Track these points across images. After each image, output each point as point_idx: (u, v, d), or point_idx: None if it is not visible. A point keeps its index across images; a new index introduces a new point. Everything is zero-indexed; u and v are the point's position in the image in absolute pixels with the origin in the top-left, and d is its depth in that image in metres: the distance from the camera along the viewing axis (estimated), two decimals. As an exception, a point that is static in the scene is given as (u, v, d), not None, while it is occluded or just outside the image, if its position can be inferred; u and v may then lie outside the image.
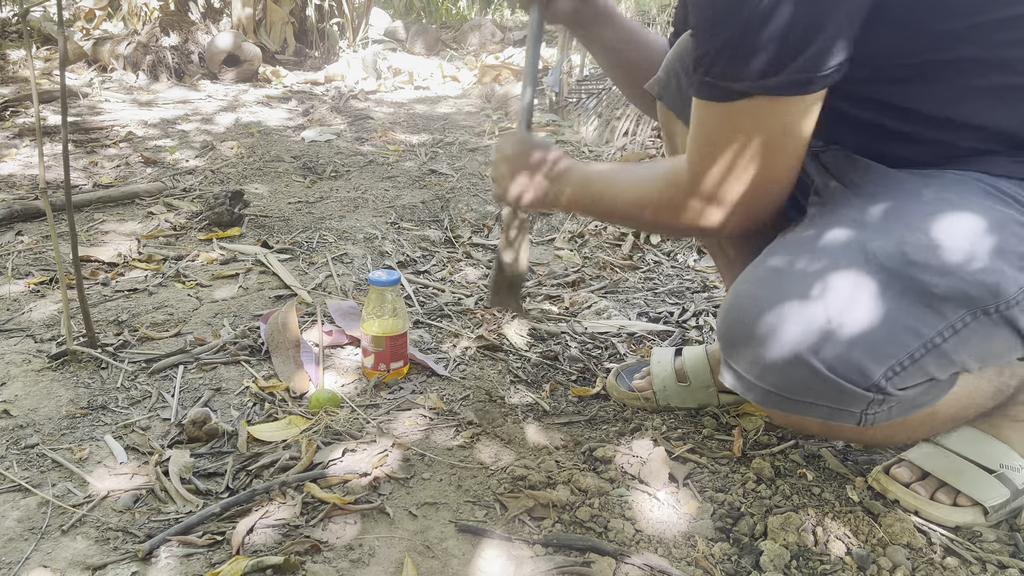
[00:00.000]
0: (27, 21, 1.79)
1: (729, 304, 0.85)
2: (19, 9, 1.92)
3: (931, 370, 0.79)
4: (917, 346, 0.77)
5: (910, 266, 0.75)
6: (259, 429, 1.16)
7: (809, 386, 0.79)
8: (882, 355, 0.76)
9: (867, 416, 0.82)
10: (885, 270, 0.75)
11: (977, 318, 0.76)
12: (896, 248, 0.76)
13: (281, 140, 3.28)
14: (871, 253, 0.76)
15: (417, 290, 1.78)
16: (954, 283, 0.74)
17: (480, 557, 0.91)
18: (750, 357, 0.82)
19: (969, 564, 0.93)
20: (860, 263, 0.77)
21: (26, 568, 0.88)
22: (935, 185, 0.82)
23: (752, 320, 0.80)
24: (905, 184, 0.83)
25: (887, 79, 0.83)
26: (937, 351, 0.77)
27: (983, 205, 0.78)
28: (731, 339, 0.84)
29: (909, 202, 0.80)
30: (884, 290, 0.75)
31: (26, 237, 2.04)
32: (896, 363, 0.77)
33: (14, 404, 1.23)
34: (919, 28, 0.79)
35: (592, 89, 3.69)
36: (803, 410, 0.82)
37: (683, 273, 1.97)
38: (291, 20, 5.50)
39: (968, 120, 0.83)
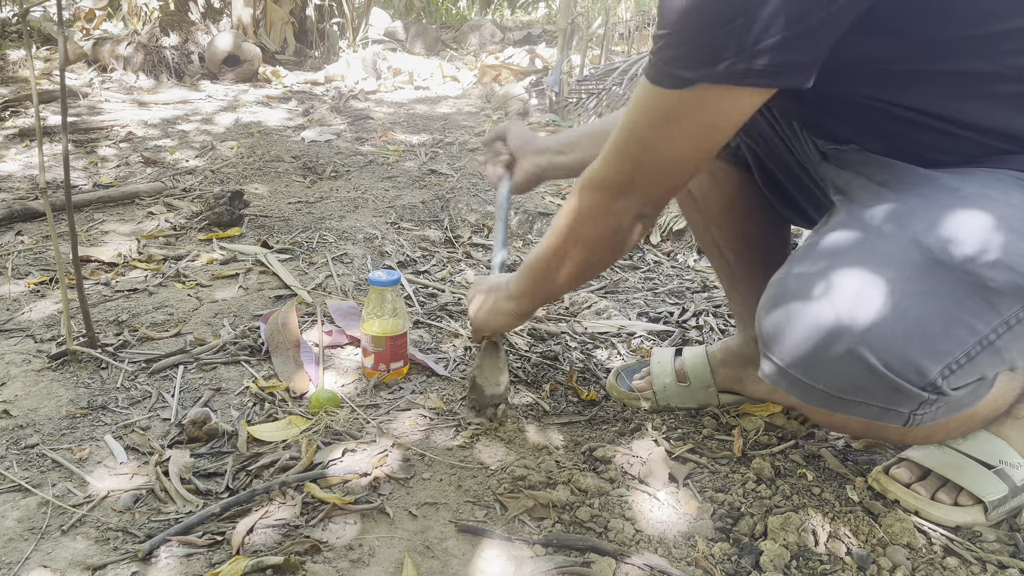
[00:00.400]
0: (27, 21, 1.80)
1: (776, 295, 0.81)
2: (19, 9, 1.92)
3: (984, 368, 0.77)
4: (973, 343, 0.74)
5: (965, 260, 0.72)
6: (259, 429, 1.16)
7: (861, 384, 0.76)
8: (939, 352, 0.74)
9: (915, 416, 0.79)
10: (940, 264, 0.73)
11: None
12: (950, 242, 0.73)
13: (281, 140, 3.28)
14: (925, 247, 0.74)
15: (417, 290, 1.78)
16: (1010, 277, 0.72)
17: (480, 557, 0.91)
18: (797, 351, 0.78)
19: (969, 564, 0.93)
20: (915, 256, 0.74)
21: (26, 568, 0.88)
22: (973, 181, 0.80)
23: (801, 312, 0.77)
24: (941, 180, 0.81)
25: (888, 80, 0.83)
26: (992, 348, 0.75)
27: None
28: (775, 332, 0.80)
29: (951, 197, 0.78)
30: (939, 285, 0.73)
31: (26, 237, 2.04)
32: (953, 361, 0.74)
33: (14, 404, 1.23)
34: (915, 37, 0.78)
35: (592, 89, 3.69)
36: (851, 409, 0.79)
37: (683, 273, 1.97)
38: (291, 20, 5.50)
39: (980, 124, 0.82)
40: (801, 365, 0.78)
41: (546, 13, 8.64)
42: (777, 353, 0.80)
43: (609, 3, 4.95)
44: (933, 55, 0.79)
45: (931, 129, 0.83)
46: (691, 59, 0.76)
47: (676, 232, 2.21)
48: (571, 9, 4.15)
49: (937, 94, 0.82)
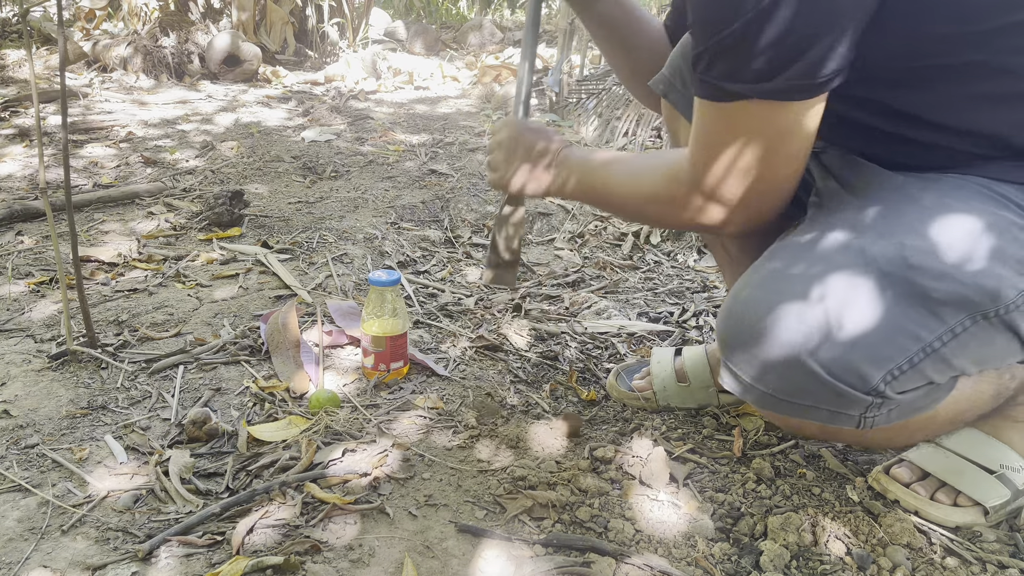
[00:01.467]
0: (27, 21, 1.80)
1: (729, 306, 0.84)
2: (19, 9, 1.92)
3: (930, 374, 0.79)
4: (916, 350, 0.76)
5: (910, 270, 0.75)
6: (259, 429, 1.16)
7: (808, 389, 0.79)
8: (881, 359, 0.76)
9: (866, 419, 0.82)
10: (885, 274, 0.75)
11: (976, 322, 0.76)
12: (896, 252, 0.76)
13: (281, 140, 3.28)
14: (871, 257, 0.76)
15: (417, 290, 1.78)
16: (954, 287, 0.74)
17: (480, 557, 0.91)
18: (749, 360, 0.81)
19: (969, 564, 0.93)
20: (860, 267, 0.76)
21: (26, 568, 0.88)
22: (935, 189, 0.81)
23: (751, 323, 0.80)
24: (905, 188, 0.83)
25: (887, 83, 0.83)
26: (936, 355, 0.77)
27: (983, 209, 0.78)
28: (730, 341, 0.83)
29: (909, 206, 0.80)
30: (883, 294, 0.75)
31: (26, 237, 2.04)
32: (895, 367, 0.77)
33: (14, 404, 1.23)
34: (920, 33, 0.78)
35: (592, 89, 3.69)
36: (801, 413, 0.82)
37: (683, 273, 1.97)
38: (291, 20, 5.49)
39: (968, 126, 0.83)
40: (752, 372, 0.82)
41: (546, 13, 8.64)
42: (732, 361, 0.84)
43: (609, 3, 4.95)
44: (931, 51, 0.79)
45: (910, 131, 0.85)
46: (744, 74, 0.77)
47: (676, 232, 2.21)
48: (571, 9, 4.15)
49: (928, 94, 0.82)
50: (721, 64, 0.78)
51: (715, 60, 0.78)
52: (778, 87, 0.76)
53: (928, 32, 0.78)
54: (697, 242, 2.16)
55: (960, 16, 0.77)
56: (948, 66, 0.80)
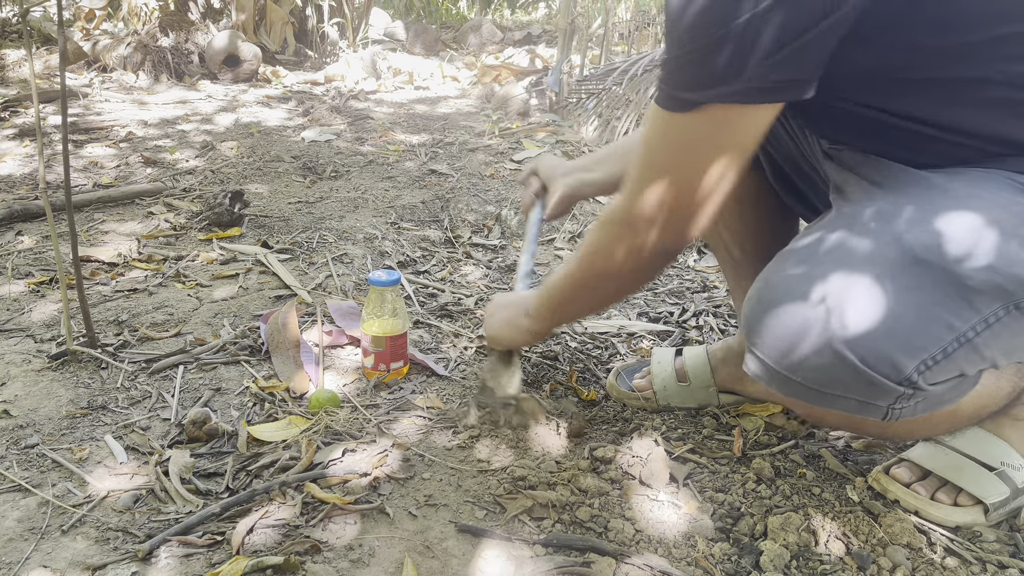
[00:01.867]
0: (27, 21, 1.79)
1: (758, 291, 0.83)
2: (19, 9, 1.92)
3: (962, 365, 0.78)
4: (950, 340, 0.75)
5: (945, 259, 0.73)
6: (259, 429, 1.16)
7: (838, 378, 0.77)
8: (915, 348, 0.75)
9: (894, 411, 0.80)
10: (921, 262, 0.74)
11: (1010, 312, 0.75)
12: (932, 240, 0.74)
13: (281, 140, 3.28)
14: (907, 245, 0.75)
15: (417, 290, 1.78)
16: (989, 276, 0.73)
17: (480, 557, 0.91)
18: (779, 346, 0.79)
19: (969, 564, 0.93)
20: (895, 255, 0.75)
21: (26, 568, 0.88)
22: (963, 181, 0.80)
23: (782, 307, 0.79)
24: (932, 180, 0.82)
25: (891, 91, 0.83)
26: (970, 345, 0.76)
27: (1013, 199, 0.77)
28: (758, 326, 0.81)
29: (940, 196, 0.79)
30: (919, 282, 0.74)
31: (26, 237, 2.04)
32: (929, 357, 0.76)
33: (14, 404, 1.23)
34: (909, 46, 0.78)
35: (592, 89, 3.69)
36: (830, 402, 0.81)
37: (683, 273, 1.97)
38: (291, 20, 5.50)
39: (973, 130, 0.82)
40: (781, 359, 0.80)
41: (546, 13, 8.64)
42: (759, 347, 0.82)
43: (609, 3, 4.95)
44: (923, 63, 0.79)
45: (923, 135, 0.84)
46: (696, 80, 0.77)
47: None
48: (571, 9, 4.15)
49: (928, 100, 0.82)
50: (681, 72, 0.78)
51: (676, 68, 0.78)
52: (734, 91, 0.76)
53: (915, 45, 0.78)
54: (697, 242, 2.16)
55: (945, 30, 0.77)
56: (936, 79, 0.80)
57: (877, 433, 1.11)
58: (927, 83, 0.81)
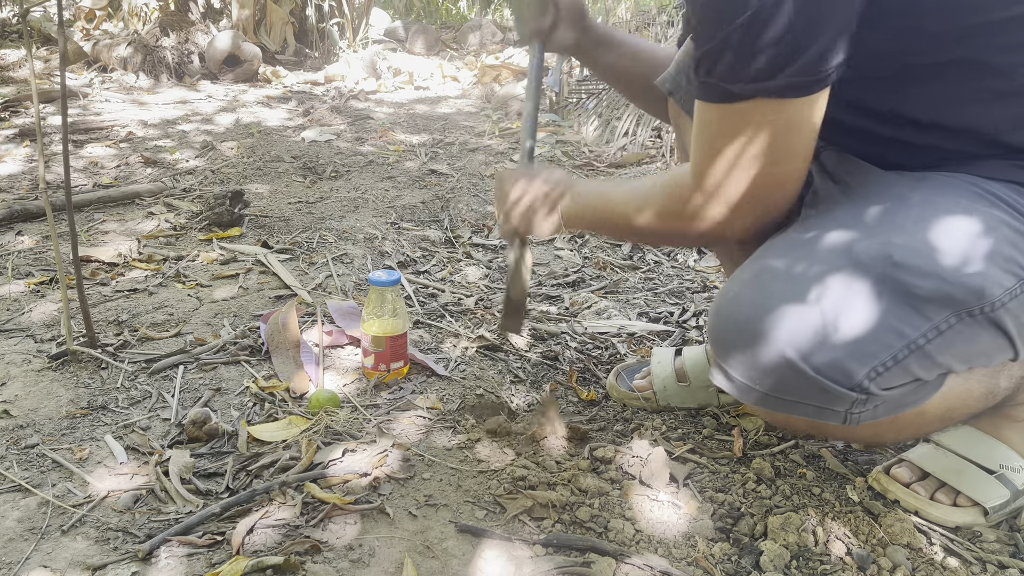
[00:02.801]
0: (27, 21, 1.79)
1: (718, 304, 0.86)
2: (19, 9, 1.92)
3: (915, 371, 0.80)
4: (900, 347, 0.77)
5: (895, 268, 0.75)
6: (259, 429, 1.16)
7: (793, 386, 0.80)
8: (865, 355, 0.77)
9: (851, 415, 0.82)
10: (870, 272, 0.76)
11: (962, 320, 0.76)
12: (881, 250, 0.76)
13: (281, 140, 3.28)
14: (856, 255, 0.77)
15: (417, 290, 1.78)
16: (938, 285, 0.75)
17: (480, 557, 0.91)
18: (738, 357, 0.82)
19: (969, 564, 0.93)
20: (846, 265, 0.77)
21: (26, 568, 0.88)
22: (925, 187, 0.82)
23: (740, 320, 0.81)
24: (895, 186, 0.84)
25: (878, 83, 0.83)
26: (921, 352, 0.78)
27: (972, 207, 0.78)
28: (720, 339, 0.84)
29: (898, 204, 0.81)
30: (868, 292, 0.76)
31: (26, 237, 2.04)
32: (879, 364, 0.77)
33: (14, 404, 1.23)
34: (911, 30, 0.79)
35: (592, 89, 3.69)
36: (789, 408, 0.83)
37: (683, 273, 1.97)
38: (291, 20, 5.50)
39: (958, 124, 0.83)
40: (740, 369, 0.83)
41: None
42: (720, 358, 0.85)
43: (609, 3, 4.96)
44: (918, 49, 0.80)
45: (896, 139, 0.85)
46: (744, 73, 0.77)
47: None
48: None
49: (916, 93, 0.83)
50: (723, 65, 0.78)
51: (717, 62, 0.79)
52: (780, 84, 0.77)
53: (919, 29, 0.79)
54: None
55: (950, 12, 0.78)
56: (938, 64, 0.80)
57: (843, 437, 1.13)
58: (921, 72, 0.81)
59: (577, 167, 2.96)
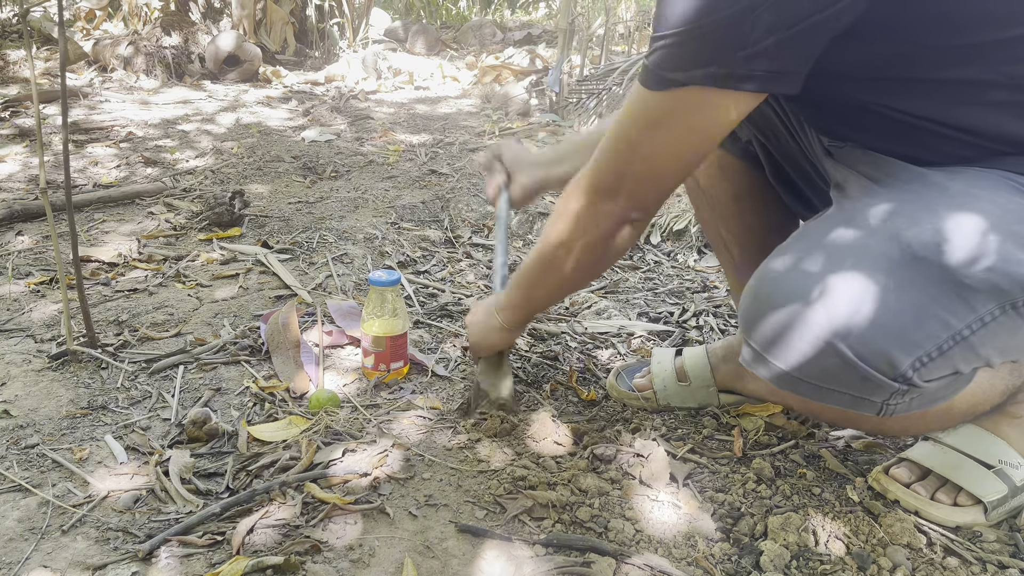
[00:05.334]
0: (27, 21, 1.80)
1: (756, 285, 0.83)
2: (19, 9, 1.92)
3: (957, 363, 0.78)
4: (946, 337, 0.75)
5: (943, 257, 0.73)
6: (259, 429, 1.16)
7: (834, 373, 0.78)
8: (911, 345, 0.75)
9: (888, 406, 0.81)
10: (919, 259, 0.74)
11: (1006, 312, 0.75)
12: (931, 238, 0.74)
13: (281, 140, 3.28)
14: (904, 242, 0.75)
15: (417, 290, 1.78)
16: (986, 275, 0.73)
17: (480, 557, 0.91)
18: (775, 339, 0.80)
19: (969, 564, 0.93)
20: (893, 251, 0.75)
21: (26, 568, 0.88)
22: (962, 179, 0.81)
23: (779, 301, 0.79)
24: (931, 178, 0.82)
25: (893, 91, 0.83)
26: (965, 343, 0.76)
27: (1011, 199, 0.77)
28: (755, 319, 0.82)
29: (938, 194, 0.79)
30: (916, 279, 0.74)
31: (26, 237, 2.04)
32: (924, 354, 0.76)
33: (14, 404, 1.23)
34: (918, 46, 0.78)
35: (592, 89, 3.69)
36: (824, 396, 0.81)
37: (683, 273, 1.97)
38: (291, 20, 5.50)
39: (981, 129, 0.82)
40: (777, 353, 0.81)
41: (546, 13, 8.64)
42: (756, 340, 0.83)
43: (609, 3, 4.95)
44: (928, 62, 0.79)
45: (924, 131, 0.84)
46: (682, 61, 0.78)
47: (676, 232, 2.21)
48: (571, 9, 4.15)
49: (931, 99, 0.82)
50: (666, 51, 0.79)
51: (661, 48, 0.79)
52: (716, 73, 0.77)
53: (921, 44, 0.78)
54: (697, 242, 2.16)
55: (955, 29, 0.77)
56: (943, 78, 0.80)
57: (872, 428, 1.11)
58: (931, 83, 0.81)
59: (577, 167, 2.96)
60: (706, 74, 0.77)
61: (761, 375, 0.85)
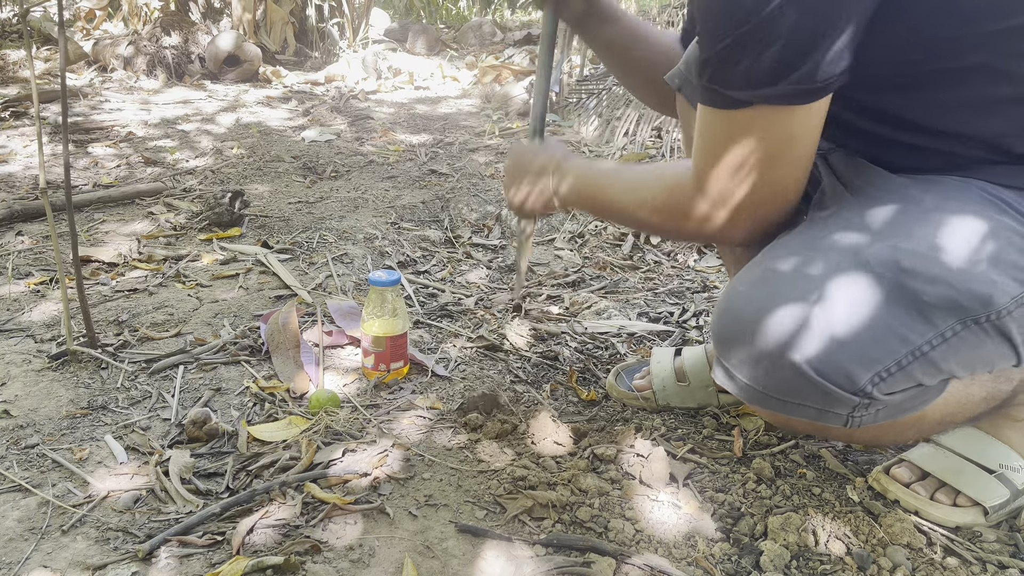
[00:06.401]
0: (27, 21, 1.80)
1: (723, 303, 0.85)
2: (19, 9, 1.92)
3: (918, 376, 0.80)
4: (905, 353, 0.77)
5: (902, 273, 0.75)
6: (259, 429, 1.16)
7: (796, 388, 0.80)
8: (869, 360, 0.77)
9: (853, 418, 0.82)
10: (877, 276, 0.76)
11: (968, 327, 0.76)
12: (889, 255, 0.76)
13: (281, 140, 3.28)
14: (864, 259, 0.77)
15: (417, 290, 1.78)
16: (945, 292, 0.74)
17: (480, 557, 0.91)
18: (741, 356, 0.82)
19: (969, 564, 0.93)
20: (853, 268, 0.77)
21: (26, 568, 0.88)
22: (935, 192, 0.81)
23: (744, 320, 0.81)
24: (906, 190, 0.83)
25: (889, 87, 0.83)
26: (925, 359, 0.77)
27: (982, 213, 0.78)
28: (723, 338, 0.84)
29: (908, 208, 0.80)
30: (875, 296, 0.75)
31: (26, 237, 2.04)
32: (883, 369, 0.77)
33: (14, 404, 1.23)
34: (922, 35, 0.78)
35: (592, 89, 3.69)
36: (791, 410, 0.83)
37: (683, 273, 1.97)
38: (291, 20, 5.50)
39: (968, 131, 0.83)
40: (743, 368, 0.83)
41: (546, 13, 8.63)
42: (724, 356, 0.85)
43: (609, 3, 4.94)
44: (929, 54, 0.79)
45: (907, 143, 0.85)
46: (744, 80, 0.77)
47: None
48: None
49: (926, 99, 0.82)
50: (725, 71, 0.78)
51: (720, 67, 0.78)
52: (781, 92, 0.76)
53: (930, 34, 0.78)
54: (698, 241, 2.16)
55: (962, 18, 0.77)
56: (949, 69, 0.80)
57: (843, 438, 1.13)
58: (931, 78, 0.81)
59: (577, 167, 2.96)
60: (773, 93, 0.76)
61: (730, 390, 0.87)
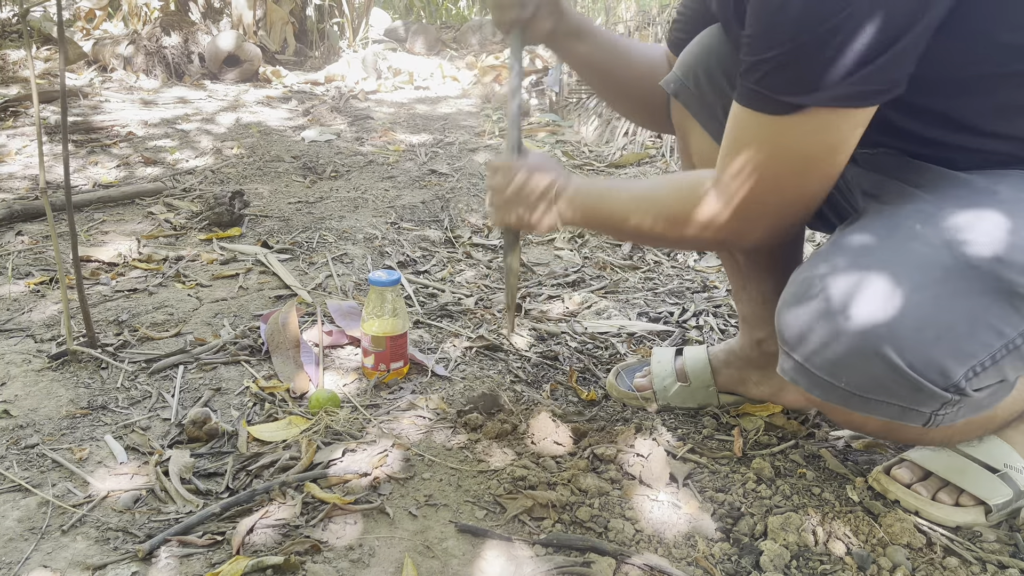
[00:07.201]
0: (27, 21, 1.80)
1: (797, 292, 0.80)
2: (19, 9, 1.92)
3: (1007, 371, 0.77)
4: (999, 346, 0.74)
5: (997, 264, 0.72)
6: (259, 429, 1.16)
7: (884, 384, 0.76)
8: (965, 354, 0.74)
9: (936, 417, 0.79)
10: (972, 267, 0.73)
11: None
12: (983, 245, 0.73)
13: (281, 140, 3.28)
14: (957, 250, 0.74)
15: (417, 290, 1.78)
16: None
17: (480, 557, 0.91)
18: (820, 350, 0.78)
19: (969, 564, 0.93)
20: (946, 258, 0.74)
21: (26, 568, 0.88)
22: (1007, 184, 0.79)
23: (829, 310, 0.76)
24: (976, 183, 0.81)
25: (948, 91, 0.81)
26: (1018, 352, 0.75)
27: None
28: (798, 330, 0.79)
29: (986, 200, 0.78)
30: (968, 288, 0.73)
31: (26, 237, 2.04)
32: (977, 363, 0.75)
33: (14, 404, 1.23)
34: (985, 40, 0.77)
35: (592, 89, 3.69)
36: (872, 408, 0.79)
37: (683, 273, 1.97)
38: (291, 20, 5.50)
39: (1013, 132, 0.81)
40: (823, 363, 0.78)
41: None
42: (798, 351, 0.80)
43: (609, 3, 4.96)
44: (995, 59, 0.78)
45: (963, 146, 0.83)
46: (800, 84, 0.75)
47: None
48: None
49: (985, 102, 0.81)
50: (782, 74, 0.76)
51: (777, 70, 0.76)
52: (842, 92, 0.74)
53: (998, 40, 0.77)
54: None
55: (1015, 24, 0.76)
56: (1004, 74, 0.79)
57: (914, 439, 1.06)
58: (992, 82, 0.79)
59: (577, 167, 2.96)
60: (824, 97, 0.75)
61: (802, 386, 0.82)
